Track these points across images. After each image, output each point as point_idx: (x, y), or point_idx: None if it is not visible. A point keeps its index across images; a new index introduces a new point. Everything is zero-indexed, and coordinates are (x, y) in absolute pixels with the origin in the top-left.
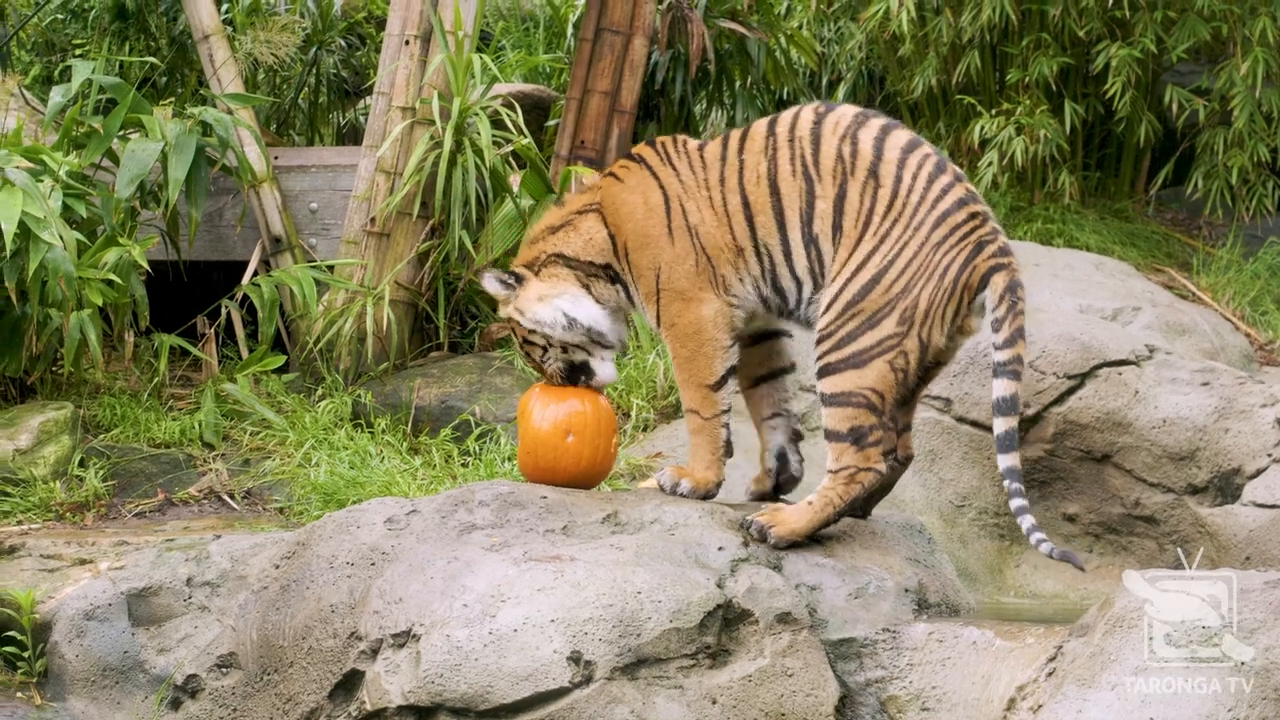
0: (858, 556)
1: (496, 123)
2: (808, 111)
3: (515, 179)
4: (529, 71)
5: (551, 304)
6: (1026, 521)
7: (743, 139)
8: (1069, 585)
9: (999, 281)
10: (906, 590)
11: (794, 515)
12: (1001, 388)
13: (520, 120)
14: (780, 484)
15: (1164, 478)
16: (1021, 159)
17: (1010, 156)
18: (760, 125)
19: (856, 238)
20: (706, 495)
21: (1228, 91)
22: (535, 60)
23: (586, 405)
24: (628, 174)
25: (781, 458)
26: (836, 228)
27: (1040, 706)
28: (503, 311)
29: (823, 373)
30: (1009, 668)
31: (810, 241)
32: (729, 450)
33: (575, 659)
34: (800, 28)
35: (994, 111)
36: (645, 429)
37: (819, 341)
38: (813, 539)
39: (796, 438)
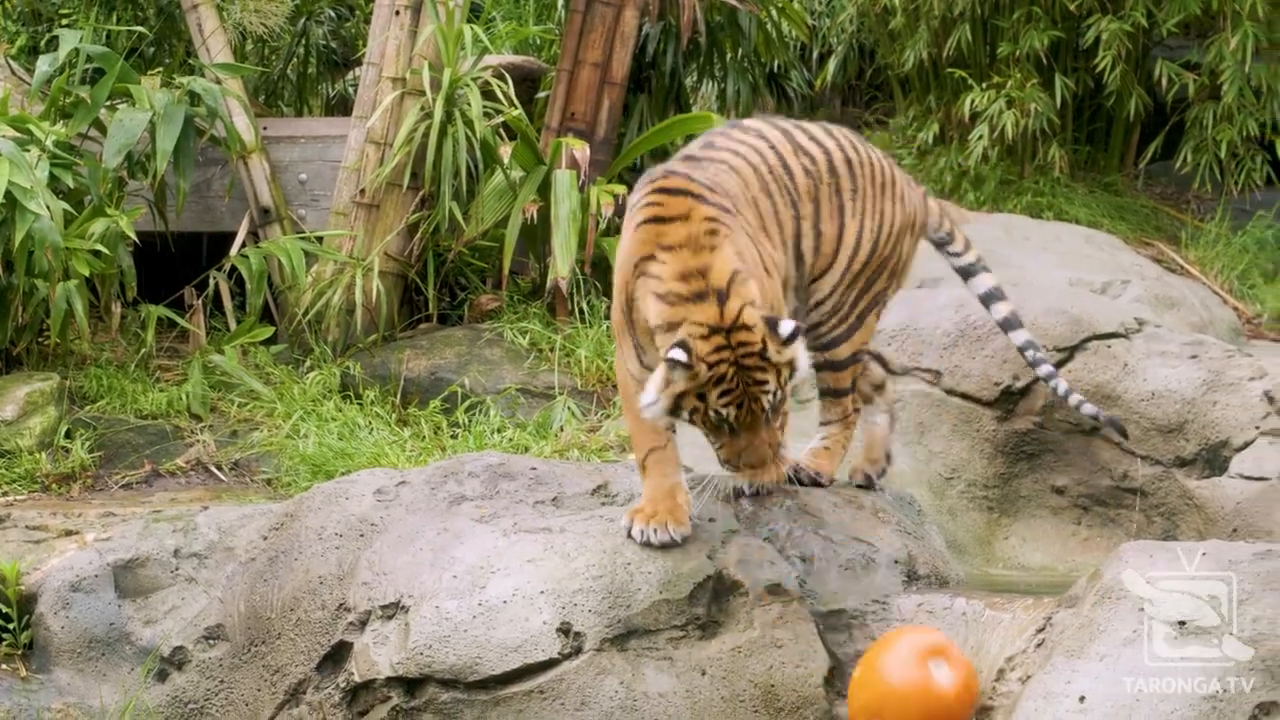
0: (848, 528)
1: (487, 94)
2: None
3: (505, 150)
4: (519, 43)
5: None
6: (1062, 386)
7: None
8: (1057, 557)
9: None
10: (896, 562)
11: (829, 463)
12: None
13: (511, 92)
14: None
15: (1152, 450)
16: (1012, 132)
17: (1000, 130)
18: None
19: None
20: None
21: (1217, 66)
22: (526, 31)
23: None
24: None
25: None
26: None
27: (1029, 677)
28: (782, 356)
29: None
30: (998, 639)
31: None
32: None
33: (565, 630)
34: (791, 0)
35: (984, 85)
36: None
37: None
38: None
39: None
